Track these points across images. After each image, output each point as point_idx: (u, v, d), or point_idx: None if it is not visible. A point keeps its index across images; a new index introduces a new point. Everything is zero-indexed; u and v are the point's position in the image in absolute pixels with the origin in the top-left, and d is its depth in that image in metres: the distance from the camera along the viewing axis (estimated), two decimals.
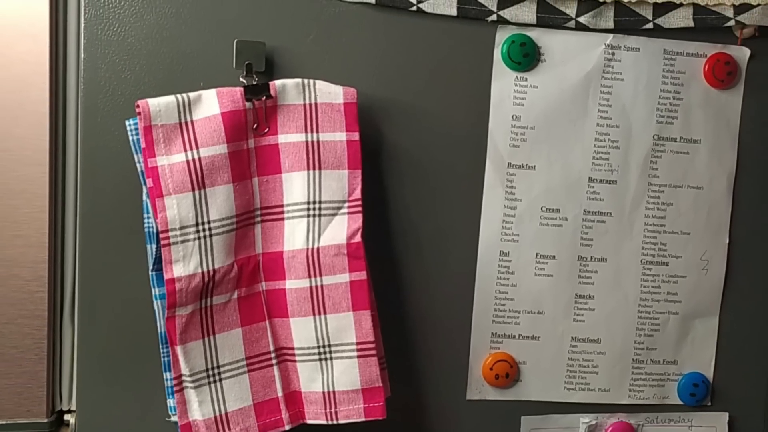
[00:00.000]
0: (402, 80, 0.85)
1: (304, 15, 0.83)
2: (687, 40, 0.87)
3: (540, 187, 0.87)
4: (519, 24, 0.85)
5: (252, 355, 0.80)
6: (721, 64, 0.88)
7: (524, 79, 0.86)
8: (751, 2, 0.85)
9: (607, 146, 0.88)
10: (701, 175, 0.89)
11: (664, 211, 0.89)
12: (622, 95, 0.87)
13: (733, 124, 0.89)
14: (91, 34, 0.80)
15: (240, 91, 0.77)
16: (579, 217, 0.88)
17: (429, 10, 0.83)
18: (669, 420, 0.93)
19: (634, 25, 0.86)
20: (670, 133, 0.88)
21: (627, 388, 0.91)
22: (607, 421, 0.91)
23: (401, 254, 0.86)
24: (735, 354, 0.93)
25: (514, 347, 0.89)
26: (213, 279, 0.77)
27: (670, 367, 0.92)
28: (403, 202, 0.86)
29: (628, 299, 0.90)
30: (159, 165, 0.76)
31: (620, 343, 0.90)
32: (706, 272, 0.91)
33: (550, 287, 0.88)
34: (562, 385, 0.90)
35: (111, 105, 0.81)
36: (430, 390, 0.88)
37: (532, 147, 0.87)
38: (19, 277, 0.83)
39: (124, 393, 0.83)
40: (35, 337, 0.83)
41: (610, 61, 0.87)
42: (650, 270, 0.90)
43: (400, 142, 0.85)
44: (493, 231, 0.87)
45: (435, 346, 0.88)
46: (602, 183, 0.88)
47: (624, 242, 0.89)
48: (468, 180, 0.87)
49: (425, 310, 0.87)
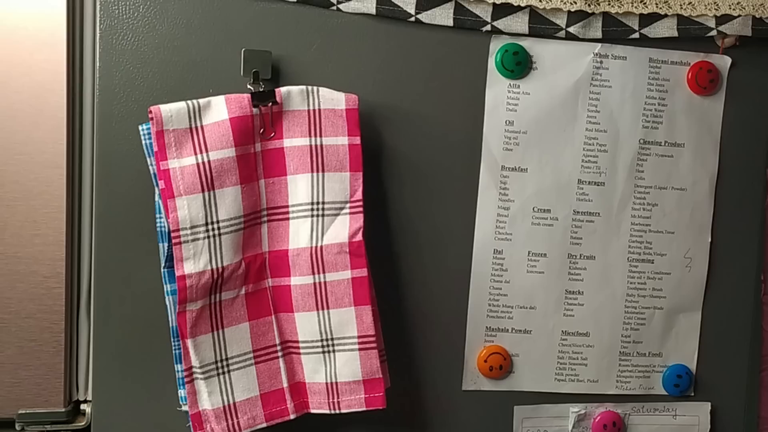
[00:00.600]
0: (401, 87, 0.85)
1: (308, 25, 0.83)
2: (671, 49, 0.87)
3: (532, 189, 0.87)
4: (512, 34, 0.85)
5: (258, 348, 0.81)
6: (704, 72, 0.88)
7: (517, 86, 0.86)
8: (732, 13, 0.85)
9: (595, 150, 0.88)
10: (685, 177, 0.89)
11: (650, 212, 0.89)
12: (609, 101, 0.87)
13: (715, 129, 0.90)
14: (107, 44, 0.81)
15: (247, 98, 0.78)
16: (569, 217, 0.88)
17: (426, 20, 0.83)
18: (654, 409, 0.93)
19: (621, 35, 0.86)
20: (655, 137, 0.89)
21: (614, 380, 0.91)
22: (596, 410, 0.91)
23: (400, 252, 0.86)
24: (716, 347, 0.92)
25: (508, 340, 0.89)
26: (222, 276, 0.78)
27: (655, 359, 0.92)
28: (402, 203, 0.86)
29: (616, 295, 0.90)
30: (170, 167, 0.76)
31: (608, 336, 0.90)
32: (689, 269, 0.91)
33: (542, 283, 0.89)
34: (553, 377, 0.90)
35: (125, 111, 0.81)
36: (428, 381, 0.88)
37: (525, 150, 0.87)
38: (38, 273, 0.83)
39: (138, 383, 0.84)
40: (53, 331, 0.83)
41: (598, 69, 0.87)
42: (636, 267, 0.90)
43: (400, 146, 0.85)
44: (487, 230, 0.87)
45: (432, 340, 0.88)
46: (591, 185, 0.88)
47: (612, 241, 0.89)
48: (463, 182, 0.87)
49: (423, 305, 0.87)
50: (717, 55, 0.88)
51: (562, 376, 0.91)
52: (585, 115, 0.87)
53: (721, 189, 0.91)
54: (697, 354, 0.93)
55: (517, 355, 0.89)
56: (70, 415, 0.85)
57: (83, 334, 0.85)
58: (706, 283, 0.92)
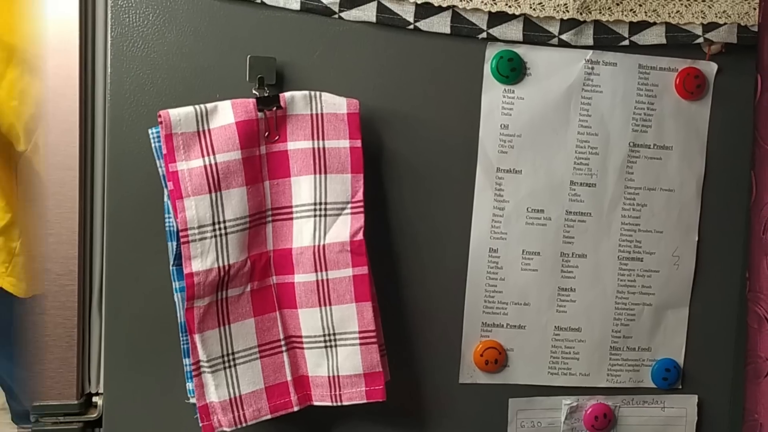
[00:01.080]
0: (400, 92, 0.85)
1: (311, 33, 0.83)
2: (660, 55, 0.87)
3: (526, 190, 0.88)
4: (507, 41, 0.85)
5: (263, 342, 0.81)
6: (691, 77, 0.88)
7: (511, 91, 0.86)
8: (718, 21, 0.86)
9: (587, 152, 0.88)
10: (673, 178, 0.90)
11: (639, 212, 0.90)
12: (600, 106, 0.87)
13: (701, 133, 0.90)
14: (117, 50, 0.81)
15: (252, 103, 0.78)
16: (561, 217, 0.89)
17: (425, 28, 0.84)
18: (643, 402, 0.93)
19: (611, 42, 0.86)
20: (644, 140, 0.89)
21: (605, 373, 0.91)
22: (587, 402, 0.92)
23: (400, 251, 0.87)
24: (703, 341, 0.93)
25: (503, 335, 0.89)
26: (228, 273, 0.78)
27: (645, 353, 0.92)
28: (401, 204, 0.86)
29: (606, 292, 0.90)
30: (179, 169, 0.77)
31: (599, 331, 0.91)
32: (677, 267, 0.91)
33: (535, 281, 0.89)
34: (546, 370, 0.91)
35: (135, 115, 0.82)
36: (426, 374, 0.89)
37: (519, 153, 0.87)
38: (51, 271, 0.83)
39: (148, 377, 0.84)
40: (66, 327, 0.84)
41: (589, 75, 0.87)
42: (626, 265, 0.90)
43: (399, 149, 0.86)
44: (483, 230, 0.88)
45: (430, 335, 0.88)
46: (583, 186, 0.89)
47: (602, 240, 0.89)
48: (460, 183, 0.87)
49: (421, 301, 0.88)
50: (704, 62, 0.89)
51: (555, 370, 0.91)
52: (577, 119, 0.88)
53: (708, 190, 0.91)
54: (684, 348, 0.93)
55: (512, 350, 0.90)
56: (82, 407, 0.86)
57: (95, 329, 0.86)
58: (693, 280, 0.92)
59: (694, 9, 0.86)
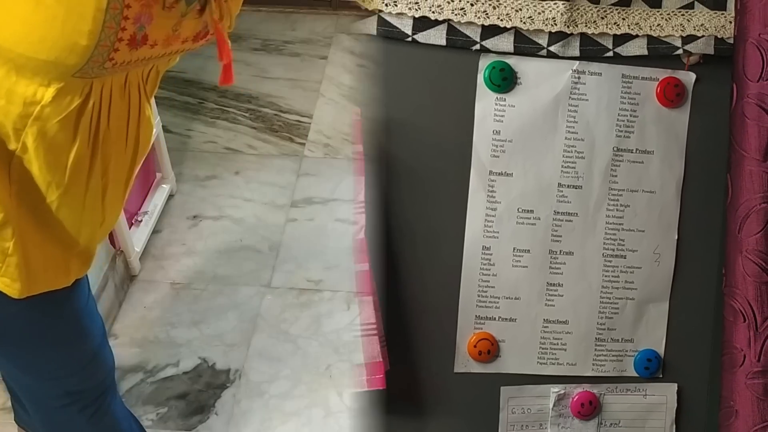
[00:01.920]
0: (399, 100, 0.87)
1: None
2: (642, 66, 0.89)
3: (517, 192, 0.89)
4: (499, 52, 0.87)
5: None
6: (671, 86, 0.90)
7: (503, 99, 0.88)
8: (697, 34, 0.88)
9: (573, 156, 0.90)
10: (654, 181, 0.91)
11: (623, 212, 0.91)
12: (586, 113, 0.89)
13: (681, 138, 0.91)
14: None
15: None
16: (550, 217, 0.90)
17: (422, 40, 0.86)
18: (626, 390, 0.95)
19: (597, 54, 0.88)
20: (627, 145, 0.90)
21: (591, 363, 0.93)
22: (574, 390, 0.94)
23: (398, 249, 0.89)
24: (683, 333, 0.94)
25: (495, 328, 0.91)
26: None
27: (628, 344, 0.94)
28: (400, 204, 0.88)
29: (592, 287, 0.92)
30: None
31: (585, 324, 0.92)
32: (658, 264, 0.92)
33: (526, 277, 0.90)
34: (535, 360, 0.92)
35: None
36: (423, 364, 0.90)
37: (510, 157, 0.89)
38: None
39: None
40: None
41: (576, 84, 0.89)
42: (610, 262, 0.92)
43: (398, 153, 0.88)
44: (476, 229, 0.89)
45: (427, 327, 0.90)
46: (570, 188, 0.90)
47: (588, 238, 0.91)
48: (455, 185, 0.89)
49: (419, 296, 0.89)
50: (683, 72, 0.90)
51: (543, 360, 0.93)
52: (564, 125, 0.89)
53: (687, 191, 0.92)
54: (665, 340, 0.94)
55: (504, 341, 0.92)
56: None
57: None
58: (673, 276, 0.93)
59: (673, 22, 0.88)
